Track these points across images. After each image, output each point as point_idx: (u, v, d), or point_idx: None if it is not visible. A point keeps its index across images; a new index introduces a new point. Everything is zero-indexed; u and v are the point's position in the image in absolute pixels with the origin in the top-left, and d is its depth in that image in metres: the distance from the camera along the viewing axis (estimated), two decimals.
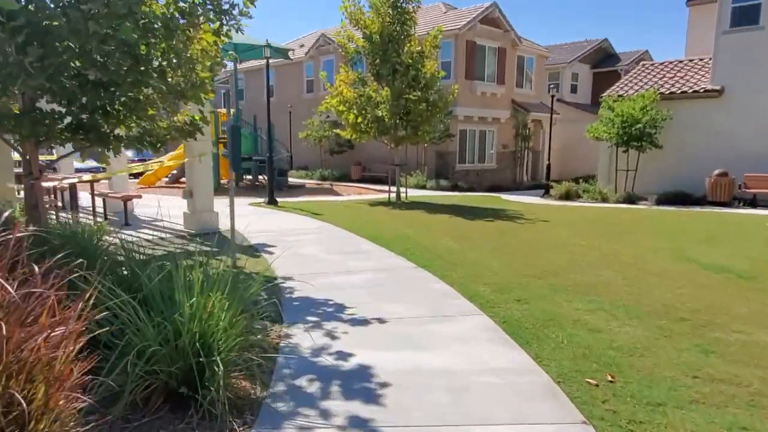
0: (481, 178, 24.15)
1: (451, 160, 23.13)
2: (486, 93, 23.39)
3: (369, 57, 14.83)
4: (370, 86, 15.18)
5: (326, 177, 24.67)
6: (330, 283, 6.08)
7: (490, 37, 23.18)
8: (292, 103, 27.96)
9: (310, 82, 27.59)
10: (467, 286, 5.97)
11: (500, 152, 25.22)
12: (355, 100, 14.80)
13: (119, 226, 9.86)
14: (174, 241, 8.61)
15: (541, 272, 6.61)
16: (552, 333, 4.48)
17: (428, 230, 9.81)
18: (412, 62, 14.57)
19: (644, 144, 16.76)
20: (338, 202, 14.79)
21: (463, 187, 21.32)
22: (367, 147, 23.56)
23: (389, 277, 6.36)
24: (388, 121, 14.60)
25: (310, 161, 27.41)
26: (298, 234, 9.27)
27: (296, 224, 10.39)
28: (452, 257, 7.42)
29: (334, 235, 9.27)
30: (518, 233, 9.69)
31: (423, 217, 11.75)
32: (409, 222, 10.91)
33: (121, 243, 5.14)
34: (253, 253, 7.76)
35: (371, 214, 12.13)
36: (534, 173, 27.09)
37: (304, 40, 29.86)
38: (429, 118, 14.96)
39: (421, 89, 14.78)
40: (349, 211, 12.51)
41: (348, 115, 14.83)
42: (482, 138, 24.32)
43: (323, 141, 25.05)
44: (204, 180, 9.63)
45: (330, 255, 7.59)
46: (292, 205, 13.61)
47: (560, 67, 29.51)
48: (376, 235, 9.07)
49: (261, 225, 10.21)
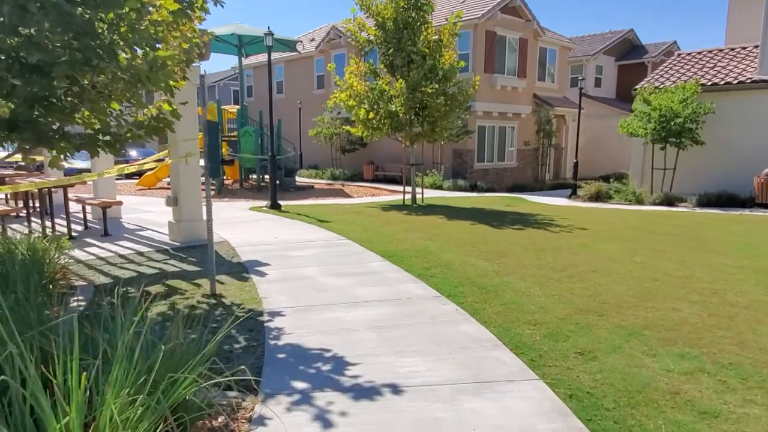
0: (500, 178, 22.61)
1: (469, 158, 21.60)
2: (506, 87, 21.81)
3: (382, 47, 13.39)
4: (383, 79, 13.74)
5: (337, 177, 23.29)
6: (330, 321, 4.67)
7: (510, 27, 21.59)
8: (302, 99, 26.63)
9: (321, 78, 26.21)
10: (508, 327, 4.53)
11: (521, 150, 23.63)
12: (366, 93, 13.37)
13: (98, 237, 8.58)
14: (152, 256, 7.27)
15: (600, 305, 5.14)
16: (647, 420, 3.02)
17: (450, 242, 8.35)
18: (428, 52, 13.10)
19: (684, 140, 15.11)
20: (348, 206, 13.39)
21: (482, 187, 19.81)
22: (380, 145, 22.14)
23: (406, 313, 4.93)
24: (402, 117, 13.15)
25: (321, 160, 26.06)
26: (299, 248, 7.88)
27: (298, 235, 9.00)
28: (483, 282, 5.96)
29: (341, 249, 7.86)
30: (557, 246, 8.20)
31: (443, 225, 10.30)
32: (428, 231, 9.47)
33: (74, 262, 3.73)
34: (241, 275, 6.37)
35: (385, 221, 10.70)
36: (556, 172, 25.45)
37: (315, 34, 28.50)
38: (447, 113, 13.47)
39: (439, 81, 13.30)
40: (359, 218, 11.10)
41: (359, 111, 13.40)
42: (502, 135, 22.75)
43: (334, 139, 23.68)
44: (191, 184, 8.29)
45: (334, 278, 6.19)
46: (297, 210, 12.23)
47: (583, 59, 27.78)
48: (391, 250, 7.64)
49: (257, 236, 8.83)
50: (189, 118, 8.11)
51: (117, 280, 6.06)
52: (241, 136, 17.08)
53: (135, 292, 5.67)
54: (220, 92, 38.08)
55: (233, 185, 18.59)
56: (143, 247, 7.95)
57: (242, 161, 17.51)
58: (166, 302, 5.22)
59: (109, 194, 10.71)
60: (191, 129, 8.19)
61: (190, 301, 5.27)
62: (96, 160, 10.68)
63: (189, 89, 8.09)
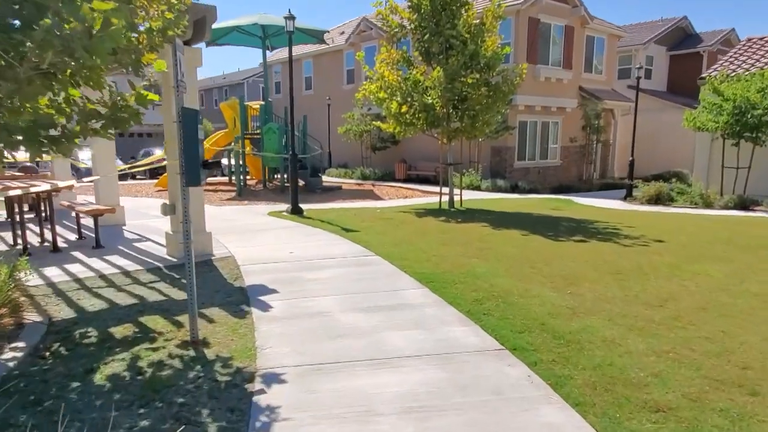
0: (543, 177, 20.74)
1: (509, 156, 19.81)
2: (551, 79, 19.92)
3: (416, 32, 11.82)
4: (417, 68, 12.18)
5: (367, 176, 21.83)
6: (348, 395, 3.17)
7: (555, 13, 19.68)
8: (330, 95, 25.26)
9: (351, 72, 24.78)
10: (615, 417, 2.94)
11: (565, 147, 21.67)
12: (398, 84, 11.83)
13: (88, 249, 7.32)
14: (140, 277, 5.93)
15: (741, 371, 3.49)
16: None
17: (502, 261, 6.76)
18: (469, 37, 11.47)
19: (762, 135, 13.07)
20: (378, 211, 11.88)
21: (523, 187, 18.02)
22: (413, 142, 20.58)
23: (457, 383, 3.39)
24: (439, 110, 11.56)
25: (351, 159, 24.64)
26: (317, 267, 6.41)
27: (318, 248, 7.54)
28: (557, 326, 4.36)
29: (368, 270, 6.37)
30: (638, 268, 6.51)
31: (488, 236, 8.69)
32: (472, 244, 7.88)
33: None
34: (239, 307, 4.94)
35: (420, 231, 9.16)
36: (603, 170, 23.36)
37: (345, 28, 27.09)
38: (490, 105, 11.80)
39: (480, 70, 11.67)
40: (391, 226, 9.58)
41: (390, 104, 11.87)
42: (545, 131, 20.86)
43: (364, 136, 22.22)
44: (193, 189, 6.91)
45: (356, 314, 4.69)
46: (320, 215, 10.80)
47: (633, 49, 25.52)
48: (429, 272, 6.10)
49: (270, 249, 7.41)
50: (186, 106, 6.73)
51: (81, 314, 4.72)
52: (264, 133, 15.79)
53: (95, 336, 4.34)
54: (249, 90, 37.11)
55: (256, 186, 17.33)
56: (134, 264, 6.62)
57: (265, 160, 16.23)
58: (127, 355, 3.82)
59: (112, 198, 9.49)
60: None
61: (160, 354, 3.85)
62: (98, 158, 9.50)
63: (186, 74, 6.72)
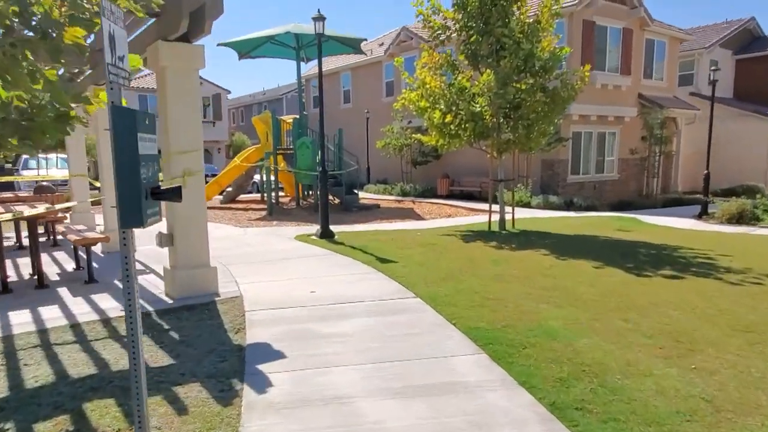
0: (599, 192, 18.78)
1: (562, 170, 17.98)
2: (607, 86, 18.04)
3: (462, 32, 10.39)
4: (463, 73, 10.73)
5: (407, 192, 20.39)
6: None
7: (612, 14, 17.86)
8: (369, 108, 24.07)
9: (390, 85, 23.53)
10: None
11: (623, 159, 19.64)
12: (442, 91, 10.40)
13: (80, 284, 6.17)
14: (119, 328, 4.67)
15: None
16: None
17: (580, 308, 5.17)
18: (523, 36, 9.95)
19: None
20: (420, 234, 10.41)
21: (579, 204, 16.17)
22: (456, 156, 19.04)
23: None
24: (488, 120, 10.04)
25: (390, 174, 23.29)
26: (340, 315, 4.99)
27: (345, 286, 6.14)
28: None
29: (405, 320, 4.90)
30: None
31: (554, 268, 7.08)
32: (535, 281, 6.31)
33: None
34: (228, 383, 3.55)
35: (469, 261, 7.63)
36: (665, 184, 21.12)
37: (384, 39, 25.94)
38: (548, 113, 10.20)
39: (536, 74, 10.12)
40: (434, 254, 8.09)
41: (432, 113, 10.44)
42: (601, 142, 18.93)
43: (404, 150, 20.84)
44: (193, 216, 5.65)
45: (385, 400, 3.23)
46: (353, 239, 9.43)
47: (695, 53, 23.28)
48: (486, 325, 4.59)
49: (287, 286, 6.05)
50: (186, 119, 5.52)
51: (13, 394, 3.45)
52: (297, 148, 14.65)
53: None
54: (288, 105, 36.52)
55: (289, 204, 16.16)
56: (120, 307, 5.39)
57: (298, 177, 15.06)
58: None
59: None
60: (190, 135, 5.58)
61: None
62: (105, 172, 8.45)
63: (184, 76, 5.52)
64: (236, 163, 15.60)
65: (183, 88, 5.44)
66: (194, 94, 5.55)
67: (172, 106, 5.42)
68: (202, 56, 5.49)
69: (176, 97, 5.43)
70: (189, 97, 5.50)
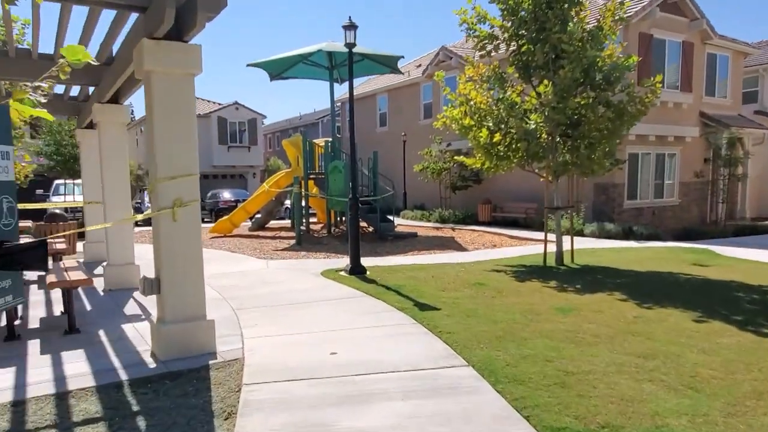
0: (658, 219, 16.92)
1: (617, 194, 16.24)
2: (667, 103, 16.31)
3: (512, 41, 9.10)
4: (513, 88, 9.39)
5: (446, 219, 18.97)
6: None
7: (671, 27, 16.25)
8: (406, 131, 22.93)
9: (428, 107, 22.36)
10: None
11: (684, 183, 17.73)
12: (489, 108, 9.09)
13: (59, 336, 5.06)
14: (89, 406, 3.45)
15: None
16: None
17: (703, 393, 3.67)
18: (581, 45, 8.57)
19: None
20: (464, 269, 8.98)
21: (640, 233, 14.39)
22: (500, 180, 17.58)
23: None
24: (544, 139, 8.64)
25: (428, 199, 21.93)
26: (365, 398, 3.62)
27: (376, 343, 4.80)
28: None
29: (456, 406, 3.52)
30: None
31: (641, 322, 5.54)
32: (623, 341, 4.82)
33: None
34: None
35: (529, 309, 6.17)
36: (730, 210, 18.98)
37: (421, 60, 24.92)
38: (613, 132, 8.74)
39: (597, 86, 8.70)
40: (484, 299, 6.66)
41: (479, 132, 9.11)
42: (660, 164, 17.12)
43: (443, 174, 19.50)
44: (187, 256, 4.46)
45: None
46: (388, 276, 8.10)
47: (759, 69, 21.23)
48: (574, 421, 3.15)
49: (304, 343, 4.73)
50: (178, 137, 4.37)
51: None
52: (329, 172, 13.53)
53: None
54: (323, 129, 35.87)
55: (321, 231, 14.97)
56: (91, 372, 4.19)
57: (330, 203, 13.91)
58: None
59: (124, 254, 7.38)
60: (183, 157, 4.42)
61: None
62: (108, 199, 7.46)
63: (175, 83, 4.39)
64: (265, 189, 14.59)
65: (174, 99, 4.31)
66: (187, 107, 4.39)
67: (160, 120, 4.29)
68: (199, 59, 4.35)
69: (166, 110, 4.30)
70: (181, 110, 4.36)
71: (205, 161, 31.81)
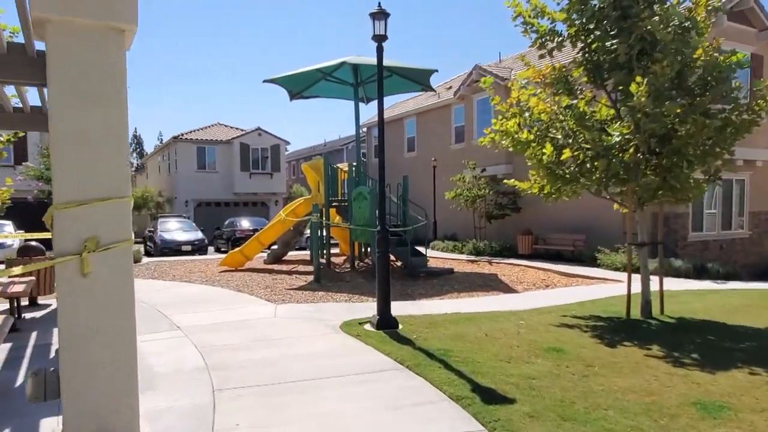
0: (726, 253, 14.53)
1: (681, 226, 13.96)
2: None
3: (580, 37, 7.17)
4: (583, 94, 7.42)
5: (481, 251, 16.81)
6: None
7: (738, 38, 14.17)
8: (437, 156, 21.07)
9: (460, 130, 20.48)
10: None
11: (754, 212, 15.35)
12: (556, 117, 7.13)
13: None
14: None
15: None
16: None
17: None
18: (673, 40, 6.58)
19: None
20: (524, 321, 6.88)
21: (716, 271, 12.09)
22: (541, 208, 15.42)
23: None
24: (629, 156, 6.60)
25: (460, 228, 19.85)
26: None
27: None
28: None
29: None
30: None
31: None
32: None
33: None
34: None
35: (647, 399, 4.10)
36: None
37: (453, 82, 23.21)
38: (717, 144, 6.70)
39: (691, 91, 6.69)
40: (572, 378, 4.59)
41: (539, 149, 7.12)
42: (727, 191, 14.84)
43: (477, 202, 17.47)
44: (105, 334, 2.56)
45: None
46: (426, 331, 6.08)
47: None
48: None
49: None
50: (94, 134, 2.45)
51: None
52: (353, 199, 11.67)
53: None
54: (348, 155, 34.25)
55: (344, 265, 13.01)
56: None
57: (354, 234, 12.01)
58: None
59: None
60: (103, 167, 2.55)
61: None
62: None
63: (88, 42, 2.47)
64: (281, 218, 12.75)
65: (87, 69, 2.48)
66: (113, 84, 2.55)
67: (63, 107, 2.45)
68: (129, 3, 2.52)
69: (73, 88, 2.46)
70: (101, 91, 2.51)
71: (227, 188, 30.41)
